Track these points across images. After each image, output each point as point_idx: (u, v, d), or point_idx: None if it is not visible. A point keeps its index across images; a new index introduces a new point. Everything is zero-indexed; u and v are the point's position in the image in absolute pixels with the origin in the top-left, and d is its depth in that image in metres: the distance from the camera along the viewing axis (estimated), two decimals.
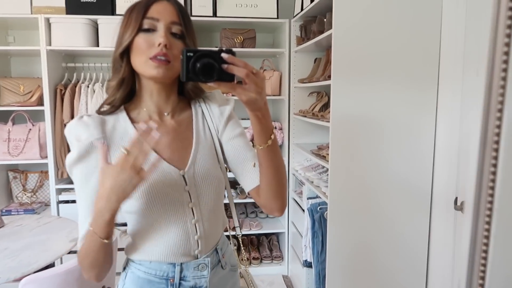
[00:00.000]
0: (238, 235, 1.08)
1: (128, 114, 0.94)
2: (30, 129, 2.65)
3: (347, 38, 1.86)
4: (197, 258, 0.95)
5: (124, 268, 0.98)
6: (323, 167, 2.43)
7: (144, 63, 0.86)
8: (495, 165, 0.44)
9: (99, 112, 0.92)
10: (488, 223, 0.43)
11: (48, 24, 2.55)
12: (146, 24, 0.86)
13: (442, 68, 1.89)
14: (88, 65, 2.79)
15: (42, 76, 2.55)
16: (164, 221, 0.90)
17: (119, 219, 0.91)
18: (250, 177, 0.96)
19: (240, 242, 1.09)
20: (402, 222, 2.00)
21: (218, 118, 1.00)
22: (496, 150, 0.43)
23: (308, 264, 2.38)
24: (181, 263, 0.93)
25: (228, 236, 1.10)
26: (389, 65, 1.89)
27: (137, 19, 0.86)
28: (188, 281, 0.94)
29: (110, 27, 2.59)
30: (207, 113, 1.00)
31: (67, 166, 0.88)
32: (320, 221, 2.16)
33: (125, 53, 0.89)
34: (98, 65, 2.78)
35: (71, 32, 2.56)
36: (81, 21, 2.56)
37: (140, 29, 0.86)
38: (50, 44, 2.56)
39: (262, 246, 3.13)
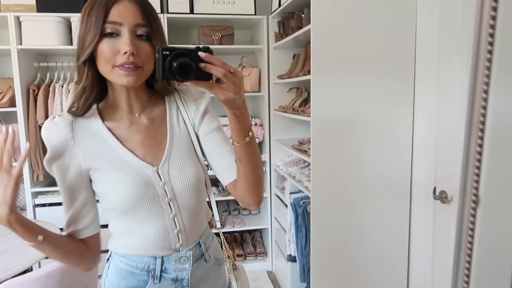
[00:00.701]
0: (219, 229, 1.09)
1: (100, 113, 0.94)
2: (1, 131, 2.55)
3: (326, 33, 1.87)
4: (179, 252, 0.95)
5: (108, 259, 1.00)
6: (305, 161, 2.45)
7: (111, 71, 0.84)
8: (480, 153, 0.44)
9: (70, 112, 0.91)
10: (473, 214, 0.44)
11: (19, 23, 2.47)
12: (109, 28, 0.82)
13: (418, 62, 1.93)
14: (62, 65, 2.71)
15: (14, 77, 2.46)
16: (142, 216, 0.91)
17: (102, 219, 0.97)
18: (228, 171, 0.96)
19: (223, 239, 1.09)
20: (384, 213, 2.03)
21: (194, 112, 0.99)
22: (481, 138, 0.43)
23: (292, 259, 2.39)
24: (162, 256, 0.94)
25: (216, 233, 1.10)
26: (367, 60, 1.91)
27: (98, 23, 0.81)
28: (170, 273, 0.95)
29: None
30: (182, 108, 0.99)
31: (45, 166, 0.91)
32: (304, 215, 2.18)
33: (87, 59, 0.86)
34: (72, 64, 2.70)
35: (43, 31, 2.48)
36: (53, 19, 2.49)
37: (102, 34, 0.82)
38: (21, 43, 2.47)
39: (246, 243, 3.13)
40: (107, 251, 1.01)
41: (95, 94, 0.91)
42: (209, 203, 1.07)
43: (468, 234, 0.47)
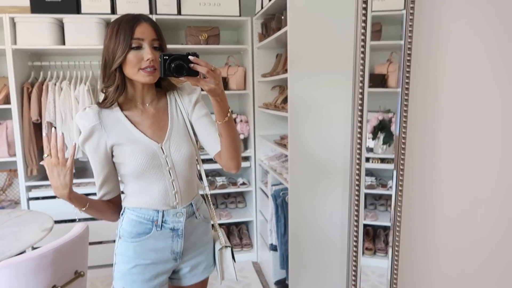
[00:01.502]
0: (206, 193, 1.41)
1: (119, 104, 1.26)
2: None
3: (301, 34, 2.00)
4: (175, 208, 1.28)
5: (122, 214, 1.32)
6: (286, 156, 2.58)
7: (136, 73, 1.18)
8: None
9: (98, 104, 1.24)
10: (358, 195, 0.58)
11: (13, 24, 2.58)
12: (134, 43, 1.15)
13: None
14: (55, 64, 2.83)
15: (8, 75, 2.57)
16: (149, 180, 1.24)
17: None
18: (214, 145, 1.29)
19: (209, 200, 1.41)
20: (331, 203, 2.14)
21: (187, 103, 1.32)
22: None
23: (273, 248, 2.53)
24: (163, 211, 1.26)
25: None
26: (335, 60, 2.03)
27: (127, 40, 1.14)
28: (168, 224, 1.27)
29: (75, 26, 2.64)
30: (179, 101, 1.33)
31: (80, 145, 1.23)
32: (283, 205, 2.31)
33: (118, 66, 1.18)
34: (65, 63, 2.83)
35: (37, 31, 2.59)
36: (46, 20, 2.60)
37: (130, 48, 1.15)
38: (15, 43, 2.59)
39: (232, 235, 3.26)
40: None
41: (121, 91, 1.22)
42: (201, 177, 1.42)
43: (354, 210, 0.60)
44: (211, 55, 3.14)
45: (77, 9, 2.66)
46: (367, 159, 1.68)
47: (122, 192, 1.34)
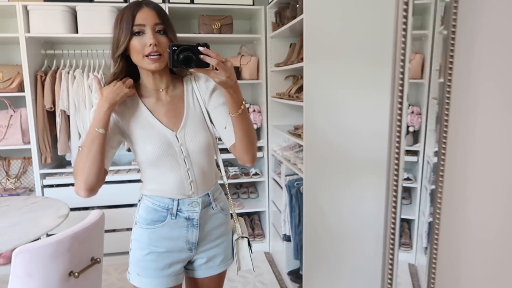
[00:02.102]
0: (225, 183, 1.38)
1: (136, 91, 1.24)
2: (12, 115, 2.68)
3: (317, 23, 1.97)
4: (191, 197, 1.25)
5: (139, 200, 1.31)
6: (300, 146, 2.56)
7: (141, 60, 1.15)
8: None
9: None
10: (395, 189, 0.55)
11: (26, 12, 2.58)
12: (136, 29, 1.12)
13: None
14: (68, 52, 2.82)
15: (22, 63, 2.58)
16: (165, 168, 1.22)
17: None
18: (230, 136, 1.24)
19: (227, 190, 1.38)
20: (367, 194, 2.13)
21: (204, 91, 1.27)
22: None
23: (287, 238, 2.52)
24: (178, 199, 1.25)
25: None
26: (355, 48, 1.99)
27: (128, 26, 1.12)
28: (183, 213, 1.26)
29: (89, 14, 2.63)
30: (196, 88, 1.28)
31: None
32: (297, 195, 2.30)
33: (121, 54, 1.16)
34: (77, 51, 2.82)
35: (50, 19, 2.59)
36: (59, 8, 2.59)
37: (132, 34, 1.12)
38: (28, 31, 2.58)
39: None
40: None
41: (122, 78, 1.20)
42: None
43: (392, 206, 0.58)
44: (224, 44, 3.11)
45: None
46: None
47: (139, 181, 1.34)
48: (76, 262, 1.53)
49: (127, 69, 1.20)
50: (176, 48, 1.03)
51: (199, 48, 1.02)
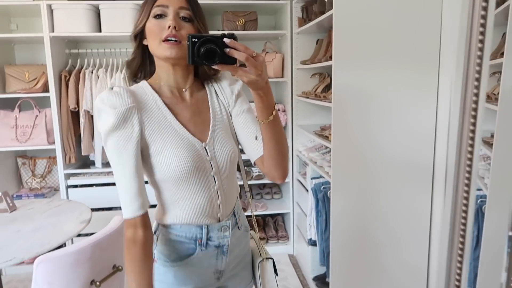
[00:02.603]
0: (249, 199, 1.22)
1: (152, 87, 1.03)
2: (37, 116, 2.69)
3: (348, 19, 1.85)
4: (220, 221, 1.05)
5: (155, 232, 1.06)
6: (326, 147, 2.46)
7: (158, 45, 0.96)
8: (472, 138, 0.46)
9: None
10: (467, 198, 0.46)
11: (51, 11, 2.56)
12: (157, 11, 0.96)
13: (444, 48, 1.89)
14: (92, 51, 2.81)
15: (47, 63, 2.57)
16: (193, 187, 1.00)
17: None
18: (255, 148, 1.05)
19: (251, 208, 1.25)
20: (404, 200, 2.03)
21: (229, 95, 1.09)
22: (474, 124, 0.45)
23: (312, 243, 2.43)
24: (207, 225, 1.03)
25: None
26: (390, 45, 1.89)
27: (148, 7, 0.97)
28: (213, 241, 1.05)
29: (112, 12, 2.60)
30: (220, 92, 1.10)
31: (103, 134, 0.92)
32: (324, 200, 2.20)
33: (138, 38, 1.01)
34: (101, 50, 2.80)
35: (74, 18, 2.57)
36: (83, 6, 2.57)
37: (151, 16, 0.96)
38: (53, 31, 2.57)
39: (268, 227, 3.19)
40: None
41: (138, 62, 1.04)
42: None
43: (461, 218, 0.49)
44: (247, 41, 3.02)
45: None
46: None
47: (152, 206, 1.01)
48: (97, 270, 1.50)
49: (142, 53, 1.03)
50: (196, 40, 0.83)
51: (225, 40, 0.83)
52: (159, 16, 0.96)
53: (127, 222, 0.94)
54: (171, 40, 0.93)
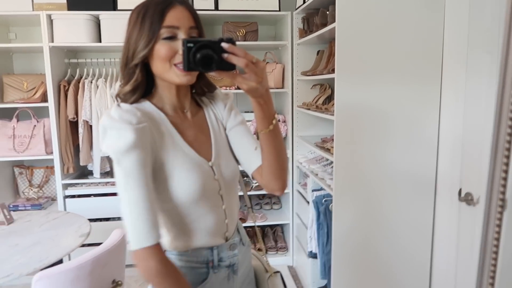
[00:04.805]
0: (251, 212, 1.23)
1: (155, 106, 0.96)
2: (35, 126, 2.67)
3: (351, 31, 1.85)
4: (227, 240, 1.02)
5: None
6: (327, 159, 2.45)
7: (168, 69, 0.88)
8: (508, 157, 0.45)
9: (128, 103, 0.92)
10: (500, 218, 0.44)
11: (50, 21, 2.55)
12: (166, 33, 0.86)
13: (446, 61, 1.89)
14: (91, 61, 2.79)
15: (46, 73, 2.55)
16: (203, 209, 0.95)
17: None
18: (252, 160, 1.02)
19: (253, 221, 1.22)
20: (407, 214, 2.02)
21: (222, 109, 1.06)
22: (509, 142, 0.44)
23: (313, 255, 2.41)
24: (218, 246, 1.00)
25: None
26: (393, 59, 1.89)
27: (154, 28, 0.85)
28: (225, 261, 1.01)
29: (112, 23, 2.59)
30: (214, 109, 1.06)
31: (118, 152, 0.82)
32: (325, 213, 2.18)
33: (140, 61, 0.89)
34: (101, 60, 2.78)
35: (73, 28, 2.56)
36: (83, 17, 2.56)
37: (159, 38, 0.86)
38: (52, 41, 2.56)
39: (267, 238, 3.17)
40: None
41: (141, 92, 0.92)
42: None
43: (494, 237, 0.48)
44: (248, 51, 2.99)
45: (113, 6, 2.61)
46: None
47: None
48: (97, 286, 1.47)
49: (146, 80, 0.92)
50: (192, 45, 0.76)
51: (222, 44, 0.77)
52: (169, 39, 0.87)
53: (145, 251, 0.83)
54: None
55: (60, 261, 1.56)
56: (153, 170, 0.89)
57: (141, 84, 0.91)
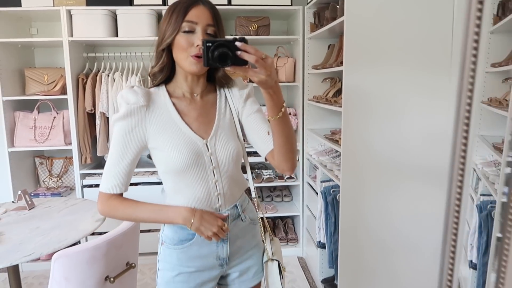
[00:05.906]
0: (253, 198, 1.29)
1: (168, 91, 1.16)
2: (55, 117, 2.78)
3: (359, 25, 1.88)
4: (219, 211, 1.16)
5: None
6: (337, 151, 2.48)
7: (185, 59, 1.07)
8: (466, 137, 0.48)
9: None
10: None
11: (70, 16, 2.65)
12: (186, 26, 1.04)
13: (455, 52, 1.91)
14: (108, 55, 2.89)
15: (65, 66, 2.66)
16: (191, 179, 1.12)
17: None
18: (265, 144, 1.16)
19: (255, 204, 1.31)
20: (415, 204, 2.04)
21: (238, 99, 1.20)
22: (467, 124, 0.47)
23: (321, 245, 2.46)
24: None
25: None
26: (401, 50, 1.91)
27: (178, 21, 1.04)
28: None
29: (128, 18, 2.67)
30: (229, 97, 1.21)
31: (112, 120, 1.10)
32: (333, 203, 2.23)
33: (166, 47, 1.08)
34: (117, 54, 2.88)
35: (92, 23, 2.65)
36: (100, 12, 2.65)
37: (180, 30, 1.04)
38: (71, 35, 2.66)
39: (278, 229, 3.22)
40: None
41: (166, 74, 1.13)
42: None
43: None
44: (260, 45, 3.07)
45: (129, 1, 2.69)
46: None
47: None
48: (111, 267, 1.55)
49: (171, 64, 1.12)
50: (210, 44, 0.92)
51: (236, 43, 0.91)
52: (188, 32, 1.04)
53: (100, 194, 1.12)
54: (200, 57, 1.03)
55: (77, 243, 1.65)
56: (151, 142, 1.11)
57: (166, 66, 1.11)
